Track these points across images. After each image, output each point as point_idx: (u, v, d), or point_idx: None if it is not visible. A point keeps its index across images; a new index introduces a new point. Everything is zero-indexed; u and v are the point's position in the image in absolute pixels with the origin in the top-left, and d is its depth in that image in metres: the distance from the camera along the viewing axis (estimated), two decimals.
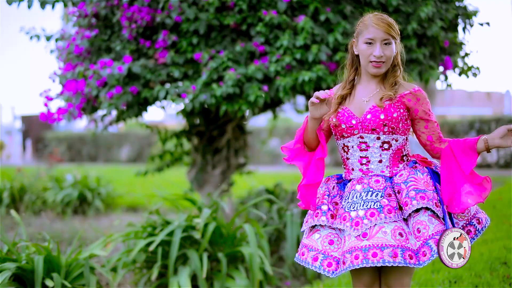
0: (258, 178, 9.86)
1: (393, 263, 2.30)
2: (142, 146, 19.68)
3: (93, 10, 5.16)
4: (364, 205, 2.41)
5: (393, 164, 2.52)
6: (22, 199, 8.21)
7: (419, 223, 2.39)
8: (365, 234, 2.36)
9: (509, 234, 5.17)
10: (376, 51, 2.47)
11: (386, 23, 2.49)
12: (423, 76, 5.02)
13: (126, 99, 4.87)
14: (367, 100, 2.52)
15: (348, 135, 2.53)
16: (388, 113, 2.46)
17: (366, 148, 2.51)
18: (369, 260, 2.31)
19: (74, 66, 5.30)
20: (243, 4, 4.76)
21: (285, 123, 18.73)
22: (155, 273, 4.11)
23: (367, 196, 2.43)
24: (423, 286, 3.79)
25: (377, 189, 2.45)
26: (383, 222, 2.37)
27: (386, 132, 2.48)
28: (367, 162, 2.52)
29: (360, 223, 2.38)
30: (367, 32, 2.50)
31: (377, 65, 2.49)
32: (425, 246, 2.36)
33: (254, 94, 4.64)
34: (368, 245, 2.33)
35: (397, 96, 2.49)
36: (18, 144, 23.31)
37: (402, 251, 2.32)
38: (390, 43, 2.49)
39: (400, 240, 2.34)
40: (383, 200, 2.42)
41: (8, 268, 3.66)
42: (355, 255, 2.34)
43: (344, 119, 2.53)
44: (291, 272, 5.00)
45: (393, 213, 2.40)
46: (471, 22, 5.24)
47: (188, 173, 6.27)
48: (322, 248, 2.48)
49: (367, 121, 2.48)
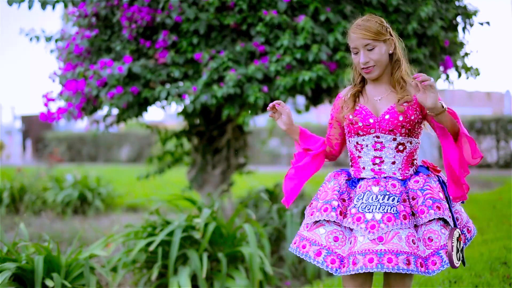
0: (258, 178, 9.86)
1: (406, 271, 2.31)
2: (142, 146, 19.68)
3: (93, 10, 5.16)
4: (381, 209, 2.40)
5: (405, 167, 2.52)
6: (22, 199, 8.20)
7: (432, 232, 2.40)
8: (381, 238, 2.35)
9: (509, 234, 5.17)
10: (361, 58, 2.48)
11: (362, 28, 2.47)
12: None
13: (126, 99, 4.87)
14: (380, 99, 2.52)
15: (363, 134, 2.52)
16: (407, 115, 2.47)
17: (381, 148, 2.50)
18: (384, 265, 2.31)
19: (74, 66, 5.30)
20: (243, 4, 4.76)
21: None
22: (155, 273, 4.11)
23: (383, 200, 2.42)
24: (423, 286, 3.79)
25: (394, 193, 2.44)
26: (399, 228, 2.37)
27: (403, 134, 2.48)
28: (380, 163, 2.51)
29: (377, 226, 2.37)
30: (350, 41, 2.52)
31: (367, 71, 2.50)
32: (436, 256, 2.37)
33: (254, 94, 4.64)
34: (384, 250, 2.33)
35: (413, 98, 2.48)
36: (18, 144, 23.30)
37: (414, 259, 2.34)
38: (374, 46, 2.47)
39: (413, 247, 2.36)
40: (399, 205, 2.41)
41: (8, 268, 3.66)
42: (370, 258, 2.33)
43: (361, 117, 2.52)
44: (291, 272, 5.00)
45: (407, 220, 2.40)
46: (471, 22, 5.25)
47: (188, 173, 6.26)
48: (326, 243, 2.45)
49: (385, 122, 2.48)
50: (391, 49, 2.52)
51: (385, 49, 2.50)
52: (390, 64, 2.54)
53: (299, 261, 5.03)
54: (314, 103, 6.05)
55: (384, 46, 2.49)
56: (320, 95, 5.75)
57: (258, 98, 4.66)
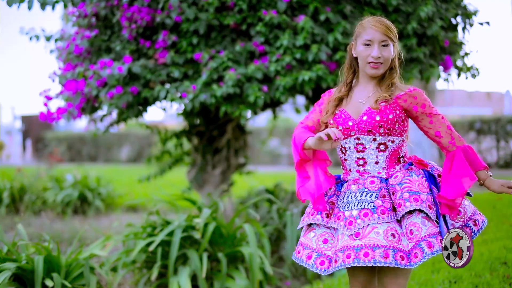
0: (258, 178, 9.86)
1: (384, 264, 2.32)
2: (142, 146, 19.68)
3: (93, 10, 5.16)
4: (358, 205, 2.44)
5: (389, 165, 2.54)
6: (22, 199, 8.21)
7: (412, 224, 2.40)
8: (357, 234, 2.39)
9: (509, 234, 5.17)
10: (374, 51, 2.51)
11: (384, 25, 2.53)
12: (423, 74, 5.03)
13: (126, 99, 4.87)
14: (364, 102, 2.55)
15: (345, 137, 2.55)
16: (383, 115, 2.49)
17: (363, 149, 2.53)
18: (361, 260, 2.33)
19: (74, 66, 5.30)
20: (243, 4, 4.76)
21: (285, 123, 18.72)
22: (155, 273, 4.11)
23: (361, 196, 2.46)
24: (423, 286, 3.79)
25: (372, 189, 2.47)
26: (376, 223, 2.39)
27: (382, 134, 2.50)
28: (364, 163, 2.54)
29: (353, 222, 2.41)
30: (365, 33, 2.54)
31: (375, 66, 2.52)
32: (417, 248, 2.37)
33: (254, 94, 4.64)
34: (360, 245, 2.36)
35: (393, 98, 2.51)
36: (18, 144, 23.31)
37: (393, 252, 2.34)
38: (388, 45, 2.52)
39: (392, 241, 2.36)
40: (377, 201, 2.44)
41: (8, 268, 3.65)
42: (347, 254, 2.37)
43: (340, 120, 2.56)
44: (291, 272, 5.00)
45: (386, 214, 2.42)
46: (471, 22, 5.25)
47: (188, 173, 6.26)
48: (316, 246, 2.51)
49: (363, 123, 2.51)
50: (394, 54, 2.57)
51: (394, 53, 2.56)
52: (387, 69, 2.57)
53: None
54: (314, 103, 6.05)
55: (392, 48, 2.55)
56: (320, 95, 5.74)
57: (258, 97, 4.66)
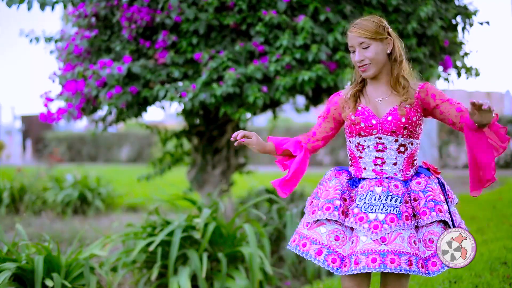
0: (258, 178, 9.86)
1: (409, 271, 2.34)
2: (142, 146, 19.67)
3: (93, 10, 5.16)
4: (384, 209, 2.42)
5: (406, 168, 2.53)
6: (22, 199, 8.20)
7: (433, 233, 2.42)
8: (384, 239, 2.37)
9: (509, 234, 5.17)
10: (356, 56, 2.51)
11: (358, 27, 2.50)
12: (423, 75, 5.03)
13: (125, 99, 4.87)
14: (381, 100, 2.54)
15: (365, 134, 2.52)
16: (409, 117, 2.48)
17: (383, 149, 2.51)
18: (387, 266, 2.33)
19: (74, 66, 5.30)
20: (243, 4, 4.76)
21: (285, 123, 18.72)
22: (155, 273, 4.11)
23: (386, 200, 2.44)
24: (423, 286, 3.79)
25: (396, 194, 2.45)
26: (401, 229, 2.39)
27: (405, 135, 2.49)
28: (381, 163, 2.52)
29: (380, 226, 2.39)
30: (348, 40, 2.55)
31: (363, 69, 2.52)
32: (436, 257, 2.39)
33: (253, 95, 4.64)
34: (387, 250, 2.35)
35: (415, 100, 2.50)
36: (18, 144, 23.30)
37: (416, 260, 2.36)
38: (369, 45, 2.49)
39: (414, 248, 2.38)
40: (402, 206, 2.43)
41: (8, 268, 3.65)
42: (372, 258, 2.35)
43: (364, 117, 2.52)
44: (291, 272, 5.00)
45: (409, 221, 2.42)
46: (471, 22, 5.25)
47: (188, 173, 6.26)
48: (327, 242, 2.45)
49: (387, 123, 2.49)
50: (389, 48, 2.53)
51: (382, 48, 2.51)
52: (389, 64, 2.55)
53: (299, 261, 5.03)
54: (314, 103, 6.06)
55: (380, 45, 2.50)
56: (320, 95, 5.75)
57: (258, 98, 4.66)
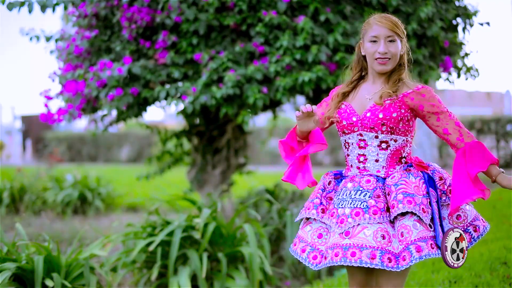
0: (258, 178, 9.86)
1: (370, 265, 2.31)
2: (142, 146, 19.68)
3: (93, 10, 5.16)
4: (351, 204, 2.44)
5: (389, 165, 2.52)
6: (22, 199, 8.21)
7: (404, 227, 2.38)
8: (347, 233, 2.39)
9: (509, 234, 5.17)
10: (381, 47, 2.50)
11: (389, 20, 2.53)
12: (422, 76, 5.03)
13: (126, 100, 4.88)
14: (370, 98, 2.54)
15: (348, 132, 2.55)
16: (387, 113, 2.47)
17: (365, 146, 2.53)
18: (347, 259, 2.33)
19: (74, 66, 5.30)
20: (243, 4, 4.76)
21: (285, 123, 18.71)
22: (155, 273, 4.12)
23: (355, 195, 2.46)
24: (423, 286, 3.79)
25: (366, 189, 2.46)
26: (367, 223, 2.39)
27: (385, 132, 2.49)
28: (364, 160, 2.54)
29: (345, 221, 2.41)
30: (371, 30, 2.54)
31: (383, 62, 2.52)
32: (406, 251, 2.34)
33: (254, 95, 4.64)
34: (349, 244, 2.36)
35: (399, 96, 2.49)
36: (18, 144, 23.31)
37: (381, 254, 2.33)
38: (395, 40, 2.52)
39: (381, 242, 2.35)
40: (370, 200, 2.43)
41: (8, 268, 3.66)
42: (336, 252, 2.37)
43: (345, 115, 2.56)
44: (291, 272, 5.00)
45: (378, 215, 2.40)
46: (471, 22, 5.25)
47: (188, 173, 6.27)
48: (311, 240, 2.53)
49: (366, 119, 2.50)
50: (403, 50, 2.56)
51: (401, 47, 2.55)
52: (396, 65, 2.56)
53: (299, 261, 5.04)
54: (314, 103, 6.06)
55: (400, 44, 2.54)
56: (320, 95, 5.75)
57: (258, 99, 4.66)
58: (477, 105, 28.67)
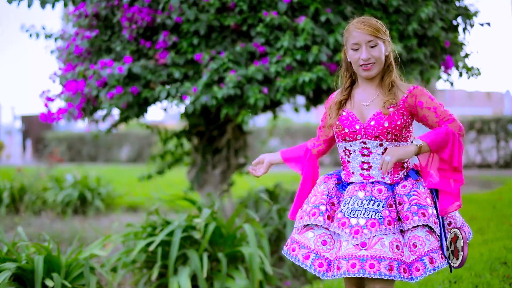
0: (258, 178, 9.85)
1: (388, 276, 2.31)
2: (142, 146, 19.67)
3: (94, 10, 5.16)
4: (365, 214, 2.41)
5: (393, 171, 2.52)
6: (22, 199, 8.21)
7: (416, 238, 2.40)
8: (364, 244, 2.36)
9: (509, 234, 5.17)
10: (363, 54, 2.48)
11: (367, 25, 2.48)
12: (424, 75, 5.03)
13: (126, 99, 4.87)
14: (367, 105, 2.53)
15: (350, 139, 2.53)
16: (392, 121, 2.46)
17: (368, 153, 2.51)
18: (366, 271, 2.31)
19: (74, 66, 5.30)
20: (244, 5, 4.76)
21: (285, 123, 18.73)
22: (155, 273, 4.12)
23: (368, 205, 2.43)
24: (423, 286, 3.80)
25: (379, 198, 2.44)
26: (383, 234, 2.37)
27: (389, 139, 2.48)
28: (368, 168, 2.52)
29: (360, 231, 2.38)
30: (352, 38, 2.51)
31: (367, 68, 2.50)
32: (419, 262, 2.37)
33: (254, 96, 4.64)
34: (366, 255, 2.33)
35: (399, 103, 2.48)
36: (18, 144, 23.30)
37: (397, 265, 2.33)
38: (377, 44, 2.48)
39: (397, 253, 2.35)
40: (384, 211, 2.41)
41: (8, 268, 3.66)
42: (352, 263, 2.34)
43: (348, 123, 2.53)
44: (291, 272, 5.01)
45: (392, 225, 2.40)
46: (472, 23, 5.25)
47: (188, 173, 6.27)
48: (314, 247, 2.49)
49: (370, 128, 2.48)
50: (388, 50, 2.54)
51: (384, 49, 2.52)
52: (383, 67, 2.55)
53: None
54: (314, 103, 6.06)
55: (383, 46, 2.51)
56: (320, 95, 5.76)
57: (258, 99, 4.66)
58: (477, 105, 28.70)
